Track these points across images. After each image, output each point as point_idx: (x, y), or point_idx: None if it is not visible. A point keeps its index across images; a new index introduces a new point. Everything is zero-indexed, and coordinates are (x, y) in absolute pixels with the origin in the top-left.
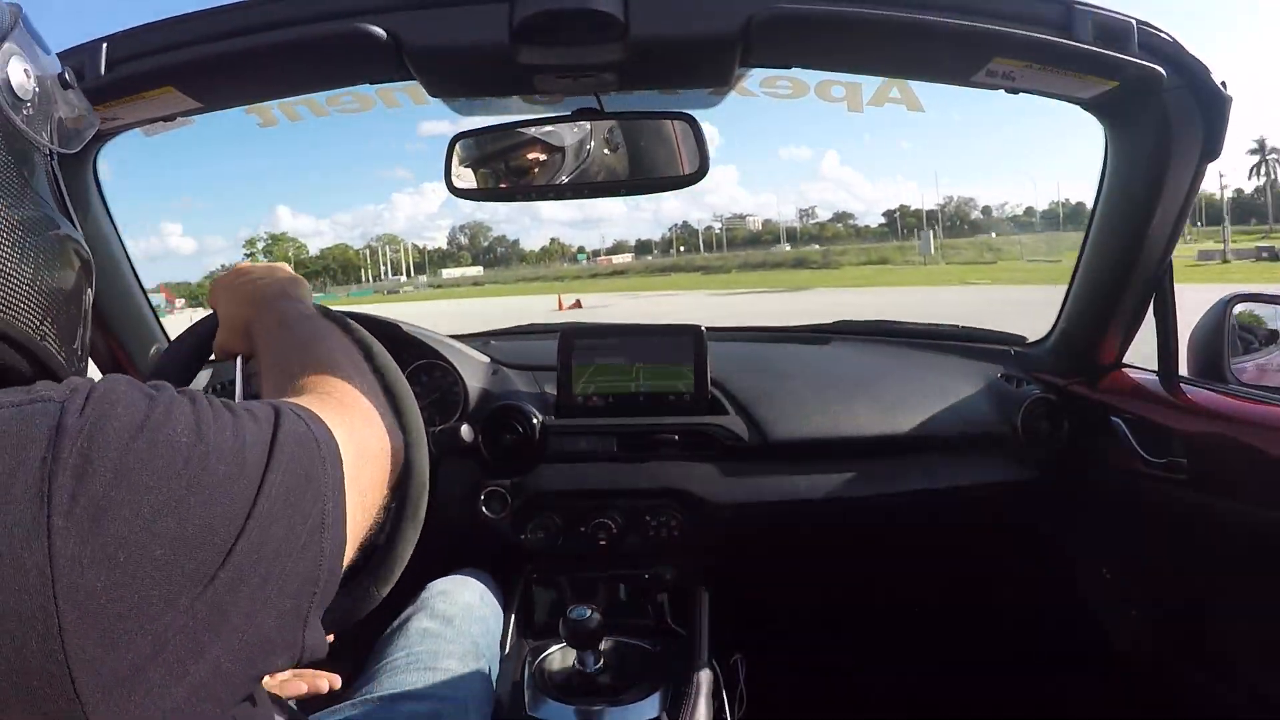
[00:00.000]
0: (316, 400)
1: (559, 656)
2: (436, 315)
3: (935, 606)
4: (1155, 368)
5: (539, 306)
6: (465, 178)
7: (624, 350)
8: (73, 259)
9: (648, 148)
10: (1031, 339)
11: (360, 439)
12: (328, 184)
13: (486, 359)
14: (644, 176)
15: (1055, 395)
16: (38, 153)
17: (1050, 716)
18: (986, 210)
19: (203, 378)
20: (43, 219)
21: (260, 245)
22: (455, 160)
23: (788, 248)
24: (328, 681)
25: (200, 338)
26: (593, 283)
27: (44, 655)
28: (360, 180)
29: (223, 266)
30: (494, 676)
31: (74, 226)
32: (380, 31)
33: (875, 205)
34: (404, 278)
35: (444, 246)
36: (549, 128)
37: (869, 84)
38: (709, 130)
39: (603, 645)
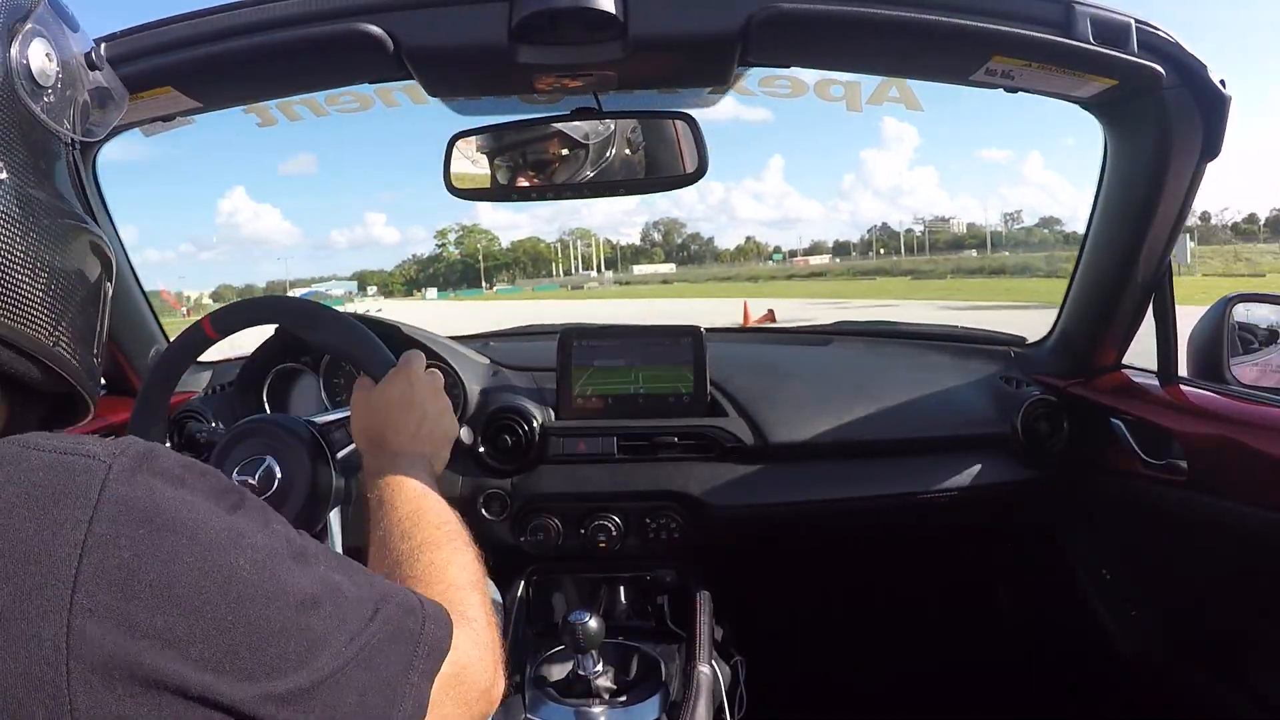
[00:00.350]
0: (449, 603)
1: (559, 659)
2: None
3: (935, 607)
4: (1155, 368)
5: (724, 313)
6: (463, 178)
7: (624, 352)
8: (92, 256)
9: (650, 147)
10: (1031, 339)
11: (466, 672)
12: None
13: (486, 360)
14: (643, 176)
15: (1055, 396)
16: (58, 142)
17: (1050, 717)
18: (1205, 216)
19: (203, 377)
20: (61, 213)
21: (452, 236)
22: (453, 160)
23: (1006, 254)
24: None
25: (362, 354)
26: (788, 285)
27: None
28: None
29: (413, 256)
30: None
31: (94, 221)
32: (379, 31)
33: (1079, 210)
34: (593, 273)
35: (637, 242)
36: (550, 129)
37: (868, 83)
38: (902, 130)
39: (603, 647)
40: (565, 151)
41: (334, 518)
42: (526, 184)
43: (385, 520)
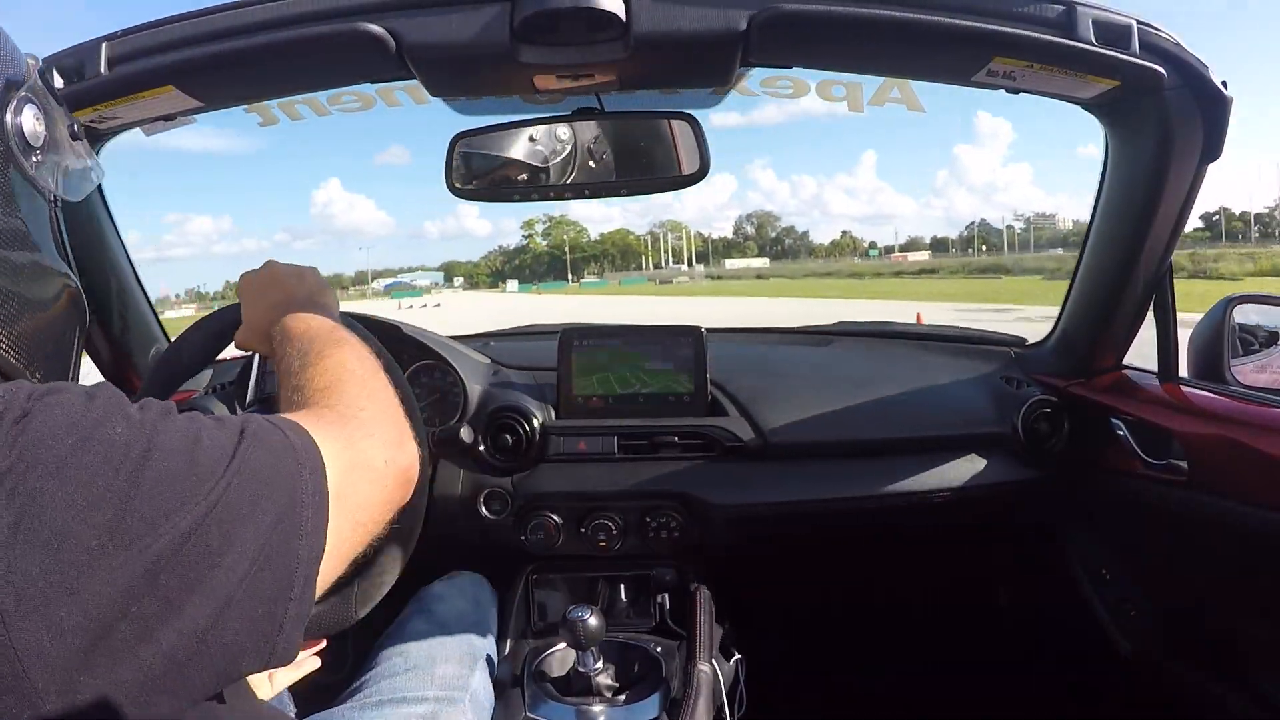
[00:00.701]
0: (313, 413)
1: (559, 657)
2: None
3: (935, 607)
4: (1155, 368)
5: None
6: (466, 178)
7: (624, 351)
8: (66, 299)
9: (648, 148)
10: (1032, 340)
11: (357, 452)
12: None
13: (487, 360)
14: (645, 176)
15: (1055, 396)
16: (43, 198)
17: (1050, 717)
18: None
19: (204, 377)
20: (40, 263)
21: (540, 227)
22: (456, 160)
23: None
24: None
25: (222, 325)
26: (899, 283)
27: None
28: None
29: (500, 248)
30: (491, 678)
31: (71, 269)
32: (381, 31)
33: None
34: (683, 266)
35: (729, 236)
36: (533, 140)
37: (869, 84)
38: (997, 126)
39: (603, 646)
40: (572, 154)
41: None
42: (528, 184)
43: (276, 365)
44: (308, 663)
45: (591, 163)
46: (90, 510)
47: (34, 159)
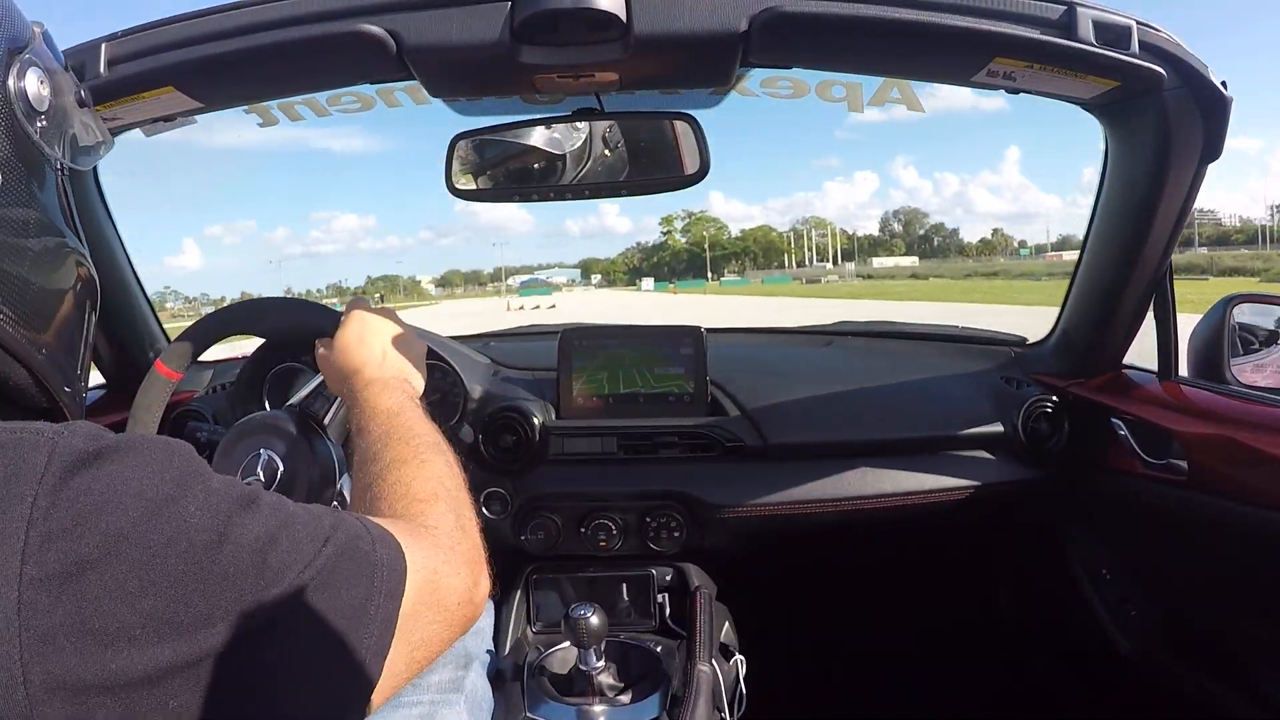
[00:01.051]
0: (410, 529)
1: (559, 657)
2: None
3: (935, 607)
4: (1155, 368)
5: None
6: (466, 178)
7: (624, 351)
8: (75, 272)
9: (649, 148)
10: (1032, 340)
11: (438, 588)
12: (762, 172)
13: (487, 360)
14: (645, 177)
15: (1055, 396)
16: (49, 165)
17: (1050, 716)
18: None
19: (204, 376)
20: (48, 228)
21: (679, 224)
22: (456, 160)
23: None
24: None
25: (312, 322)
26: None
27: (7, 705)
28: (793, 168)
29: (638, 245)
30: (489, 679)
31: (81, 242)
32: (381, 31)
33: None
34: (828, 264)
35: (875, 233)
36: (551, 128)
37: (869, 84)
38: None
39: (603, 646)
40: (540, 164)
41: (346, 484)
42: (529, 184)
43: (359, 447)
44: None
45: (594, 163)
46: (141, 596)
47: (39, 124)
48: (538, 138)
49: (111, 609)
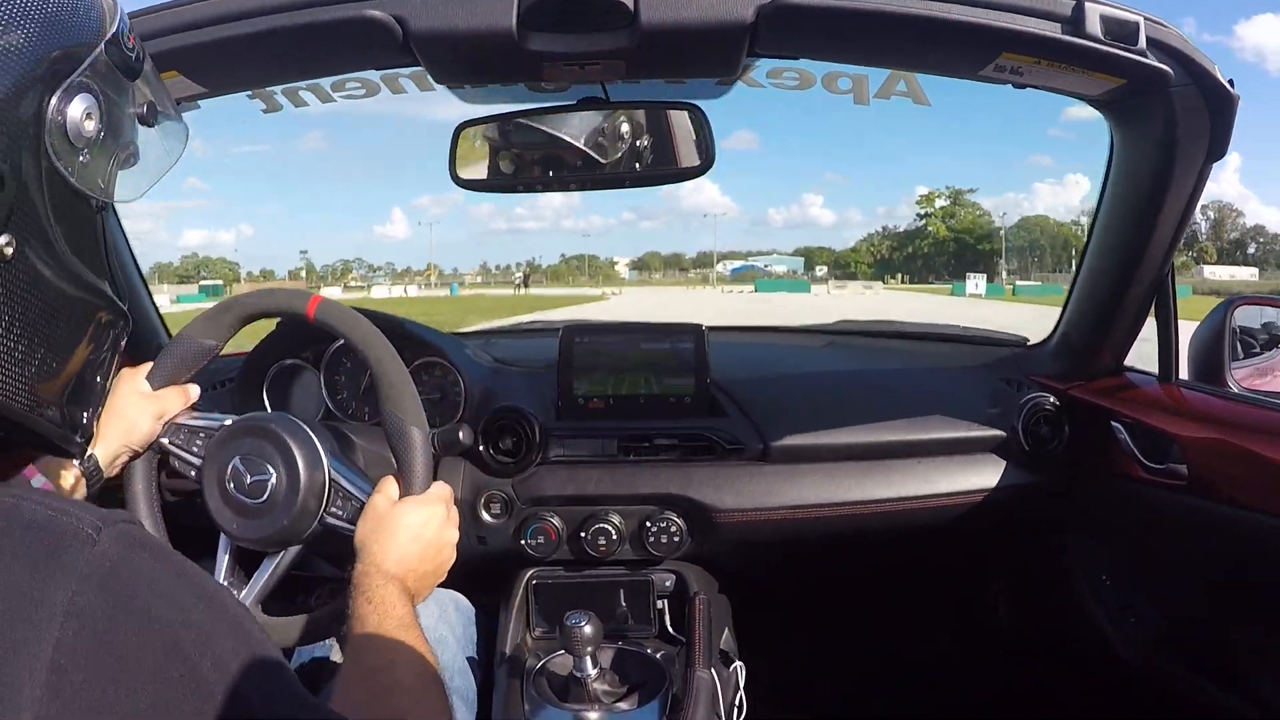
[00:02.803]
0: None
1: (558, 663)
2: None
3: (935, 611)
4: (1155, 371)
5: None
6: (469, 168)
7: (625, 349)
8: (94, 321)
9: (654, 139)
10: (1033, 342)
11: None
12: (966, 169)
13: (488, 358)
14: (650, 168)
15: (1056, 399)
16: (84, 204)
17: None
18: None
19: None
20: (70, 285)
21: (940, 204)
22: (460, 150)
23: None
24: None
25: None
26: None
27: None
28: (1002, 166)
29: (884, 230)
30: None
31: (111, 283)
32: (387, 17)
33: None
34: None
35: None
36: (557, 118)
37: (875, 76)
38: None
39: (602, 652)
40: (579, 162)
41: (286, 550)
42: (532, 175)
43: (364, 647)
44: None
45: (598, 153)
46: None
47: (79, 160)
48: (546, 128)
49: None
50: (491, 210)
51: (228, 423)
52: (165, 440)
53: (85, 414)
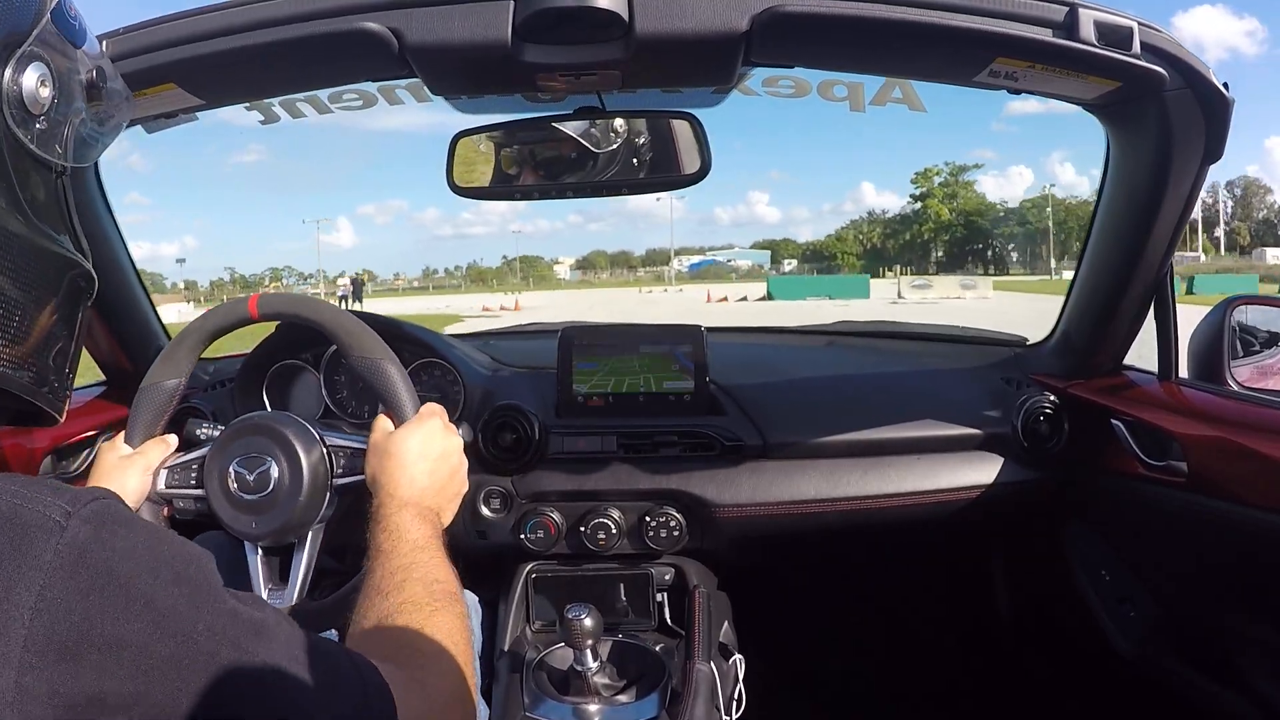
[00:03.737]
0: (405, 681)
1: (559, 656)
2: None
3: (934, 606)
4: (1155, 369)
5: None
6: (467, 176)
7: (624, 350)
8: (64, 277)
9: (650, 147)
10: (1032, 340)
11: None
12: (908, 163)
13: (487, 358)
14: (646, 176)
15: (1055, 397)
16: (44, 169)
17: (1049, 717)
18: None
19: (204, 373)
20: (37, 243)
21: (937, 180)
22: (457, 159)
23: None
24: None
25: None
26: None
27: None
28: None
29: (871, 214)
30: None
31: (76, 241)
32: (383, 29)
33: None
34: (1200, 255)
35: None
36: (553, 127)
37: (871, 83)
38: None
39: (601, 645)
40: (573, 154)
41: (310, 532)
42: (529, 182)
43: (378, 571)
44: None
45: (594, 161)
46: (135, 704)
47: (36, 127)
48: (544, 137)
49: (98, 709)
50: (437, 216)
51: (215, 434)
52: (161, 487)
53: (60, 376)
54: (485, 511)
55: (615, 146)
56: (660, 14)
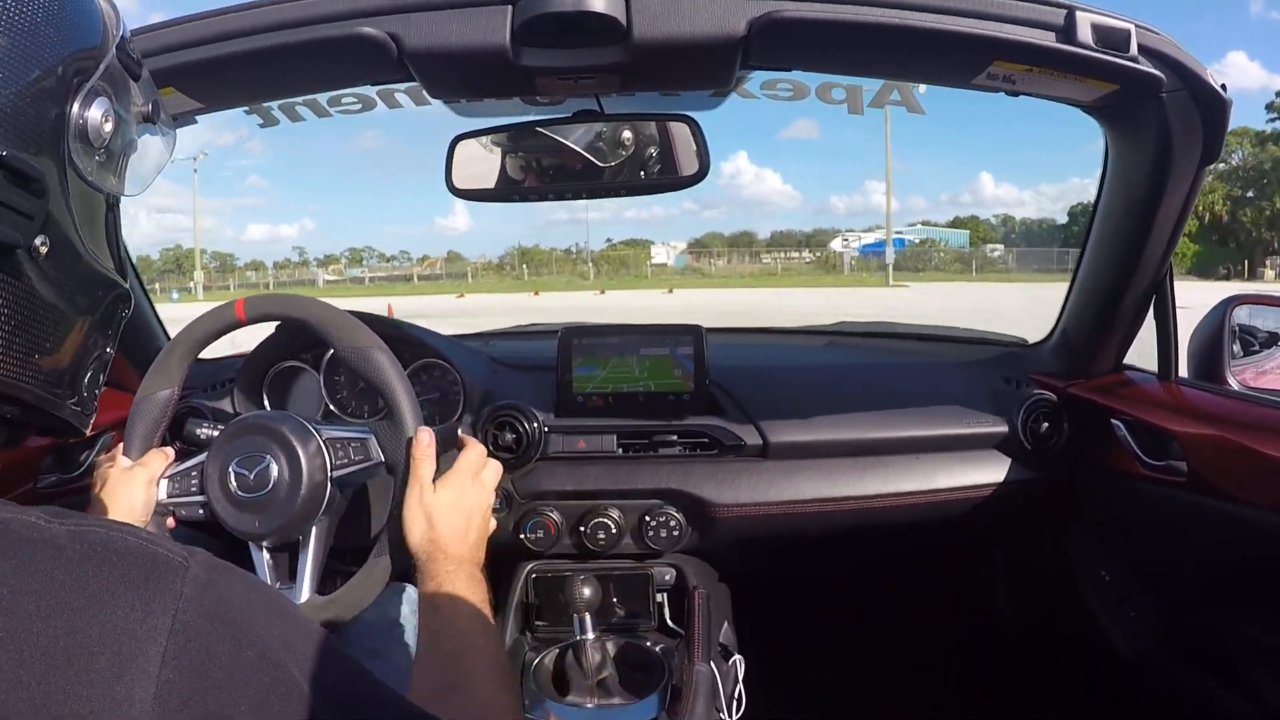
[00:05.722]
0: None
1: (557, 656)
2: None
3: (934, 607)
4: (1155, 369)
5: None
6: (466, 179)
7: (624, 350)
8: (105, 305)
9: (648, 149)
10: (1032, 340)
11: None
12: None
13: (487, 358)
14: (645, 178)
15: (1055, 397)
16: (100, 197)
17: (1049, 717)
18: None
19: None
20: (85, 270)
21: None
22: (456, 161)
23: None
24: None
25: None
26: None
27: None
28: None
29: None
30: None
31: (120, 267)
32: (382, 34)
33: None
34: None
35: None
36: (555, 129)
37: (869, 86)
38: None
39: (601, 645)
40: (571, 156)
41: (314, 527)
42: (528, 185)
43: (433, 627)
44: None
45: (593, 164)
46: None
47: (96, 159)
48: (544, 139)
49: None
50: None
51: (215, 434)
52: (162, 497)
53: (90, 392)
54: None
55: (614, 149)
56: (658, 18)
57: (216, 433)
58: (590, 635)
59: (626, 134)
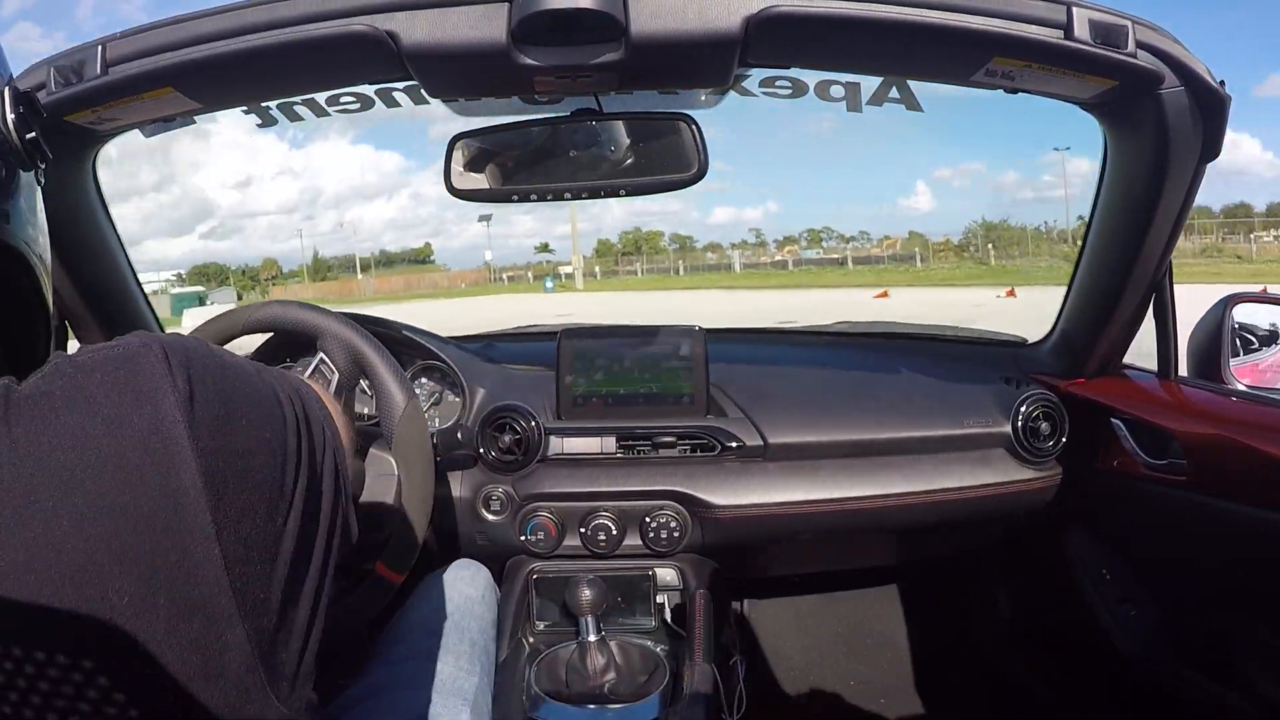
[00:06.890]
0: None
1: (559, 657)
2: None
3: (934, 606)
4: (1154, 368)
5: None
6: (466, 179)
7: (624, 351)
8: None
9: (647, 148)
10: (1031, 340)
11: None
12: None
13: (487, 360)
14: (644, 177)
15: (1055, 396)
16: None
17: (1049, 717)
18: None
19: None
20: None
21: None
22: (455, 161)
23: None
24: None
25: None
26: None
27: (202, 542)
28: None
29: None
30: (492, 672)
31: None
32: (379, 33)
33: None
34: None
35: None
36: (550, 129)
37: (868, 83)
38: None
39: (602, 646)
40: (571, 156)
41: None
42: (528, 185)
43: None
44: None
45: (592, 163)
46: (260, 427)
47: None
48: (542, 138)
49: (249, 448)
50: (1015, 179)
51: None
52: None
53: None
54: (485, 514)
55: (613, 148)
56: (655, 16)
57: None
58: (593, 637)
59: (625, 133)
